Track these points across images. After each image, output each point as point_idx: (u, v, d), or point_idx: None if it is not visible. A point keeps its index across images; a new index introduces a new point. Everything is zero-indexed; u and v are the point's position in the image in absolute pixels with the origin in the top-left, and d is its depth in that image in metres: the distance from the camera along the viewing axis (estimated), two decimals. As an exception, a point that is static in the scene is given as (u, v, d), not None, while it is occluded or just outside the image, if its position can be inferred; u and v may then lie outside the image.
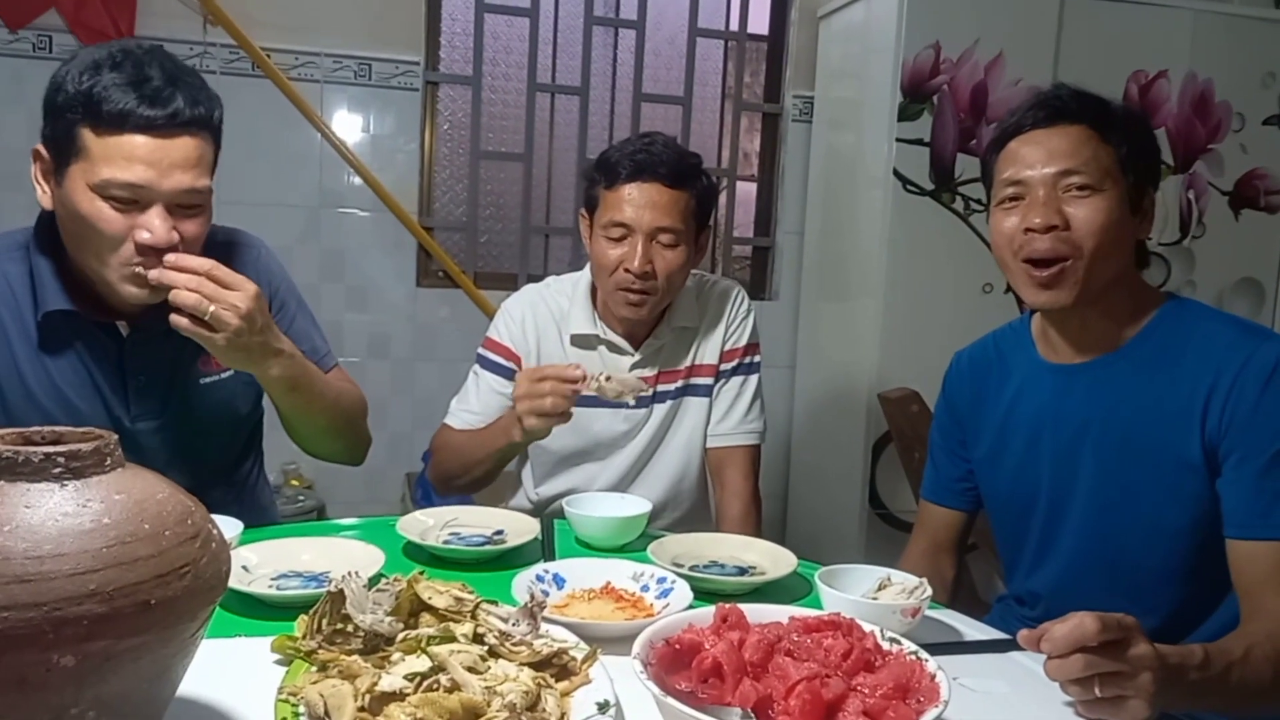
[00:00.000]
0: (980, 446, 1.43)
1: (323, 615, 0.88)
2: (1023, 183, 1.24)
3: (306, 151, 2.88)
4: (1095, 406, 1.27)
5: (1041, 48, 2.79)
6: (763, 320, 1.90)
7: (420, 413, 3.02)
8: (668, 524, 1.76)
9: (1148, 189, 1.26)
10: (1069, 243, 1.20)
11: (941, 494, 1.51)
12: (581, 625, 0.99)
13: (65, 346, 1.33)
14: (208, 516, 0.73)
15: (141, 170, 1.19)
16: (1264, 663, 1.06)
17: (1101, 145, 1.21)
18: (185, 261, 1.20)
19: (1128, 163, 1.22)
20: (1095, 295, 1.22)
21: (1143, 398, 1.23)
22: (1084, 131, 1.22)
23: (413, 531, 1.31)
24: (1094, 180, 1.20)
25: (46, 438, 0.71)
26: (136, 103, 1.18)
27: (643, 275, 1.59)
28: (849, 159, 3.03)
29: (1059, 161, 1.21)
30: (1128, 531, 1.25)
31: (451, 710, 0.73)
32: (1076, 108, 1.23)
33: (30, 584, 0.60)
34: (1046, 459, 1.32)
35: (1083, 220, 1.20)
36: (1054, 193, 1.21)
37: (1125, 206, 1.22)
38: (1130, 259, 1.26)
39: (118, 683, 0.64)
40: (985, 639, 1.14)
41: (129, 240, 1.22)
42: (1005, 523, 1.43)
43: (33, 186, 1.29)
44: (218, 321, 1.21)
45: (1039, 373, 1.34)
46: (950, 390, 1.50)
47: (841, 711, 0.75)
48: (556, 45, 3.15)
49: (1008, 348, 1.42)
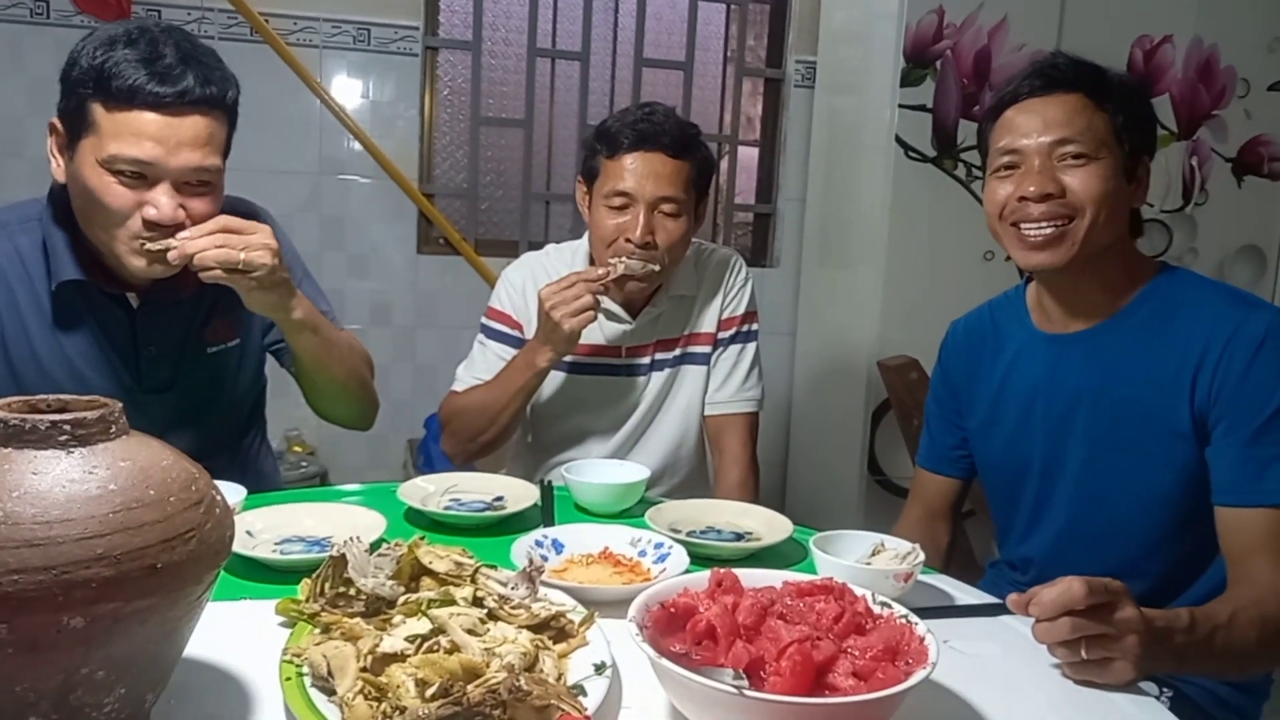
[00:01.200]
0: (975, 415, 1.45)
1: (325, 579, 0.90)
2: (1018, 151, 1.25)
3: (306, 118, 2.87)
4: (1088, 375, 1.28)
5: (1046, 13, 2.76)
6: (763, 287, 1.91)
7: (422, 380, 3.03)
8: (666, 491, 1.78)
9: (1142, 157, 1.26)
10: (1067, 206, 1.22)
11: (937, 462, 1.53)
12: (579, 589, 1.01)
13: (77, 317, 1.35)
14: (211, 483, 0.75)
15: (149, 147, 1.20)
16: (1248, 626, 1.07)
17: (1097, 113, 1.22)
18: (200, 229, 1.22)
19: (1123, 131, 1.23)
20: (1088, 260, 1.23)
21: (1134, 366, 1.25)
22: (1079, 100, 1.23)
23: (414, 498, 1.33)
24: (1089, 149, 1.21)
25: (52, 406, 0.72)
26: (146, 79, 1.19)
27: (644, 245, 1.60)
28: (851, 125, 3.02)
29: (1054, 130, 1.22)
30: (1118, 498, 1.28)
31: (451, 671, 0.75)
32: (1072, 76, 1.24)
33: (40, 548, 0.62)
34: (1040, 427, 1.34)
35: (1079, 188, 1.21)
36: (1049, 161, 1.23)
37: (1120, 175, 1.23)
38: (1124, 227, 1.27)
39: (126, 644, 0.66)
40: (976, 603, 1.15)
41: (136, 216, 1.23)
42: (999, 490, 1.45)
43: (48, 159, 1.30)
44: (252, 264, 1.22)
45: (1033, 341, 1.36)
46: (946, 360, 1.52)
47: (831, 673, 0.77)
48: (557, 9, 3.12)
49: (1003, 317, 1.43)
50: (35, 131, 2.69)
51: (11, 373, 1.34)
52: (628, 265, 1.57)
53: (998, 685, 0.94)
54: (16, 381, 1.34)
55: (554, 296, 1.52)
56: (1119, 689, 0.94)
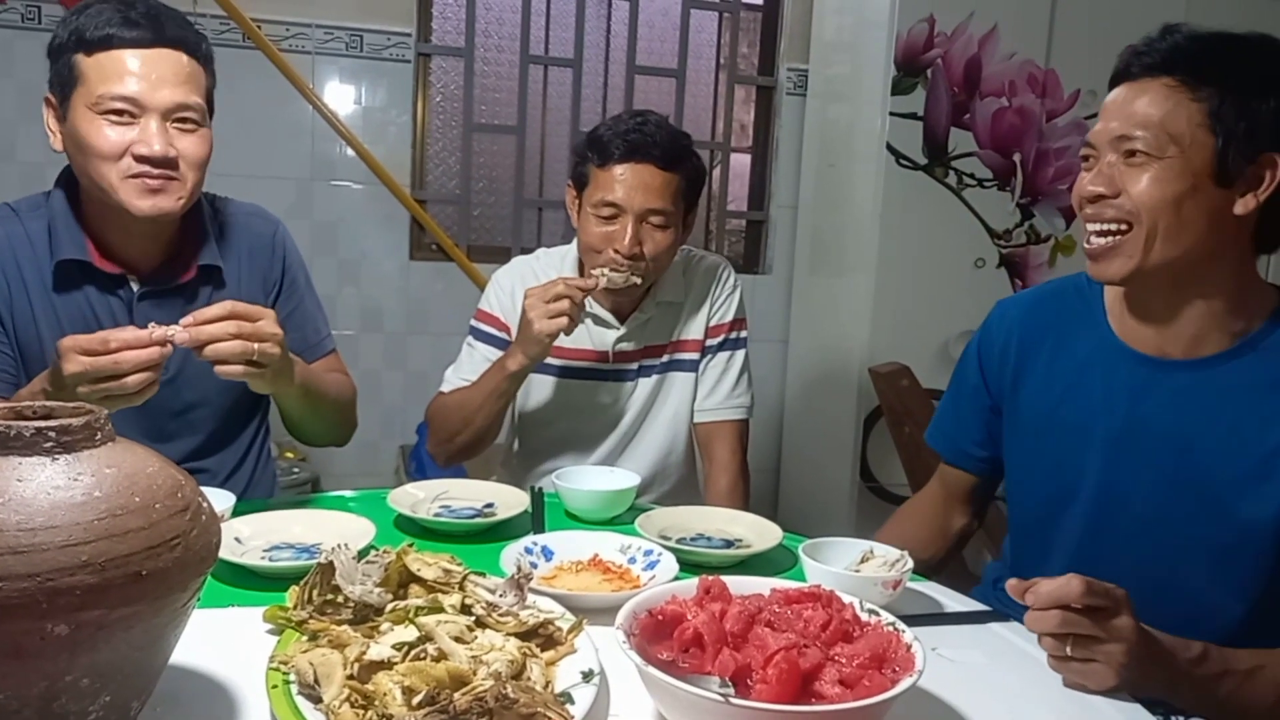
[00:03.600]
0: (1019, 420, 1.27)
1: (313, 586, 0.90)
2: (1091, 144, 1.12)
3: (298, 123, 2.87)
4: (1184, 416, 1.11)
5: (1036, 22, 2.78)
6: (755, 294, 1.91)
7: (413, 386, 3.03)
8: (655, 498, 1.78)
9: (1262, 152, 1.04)
10: (1120, 210, 1.07)
11: (955, 454, 1.39)
12: (567, 596, 1.01)
13: (77, 300, 1.38)
14: (198, 490, 0.75)
15: (132, 82, 1.26)
16: (1269, 686, 1.01)
17: (1186, 101, 1.04)
18: (205, 314, 1.20)
19: (1220, 119, 1.03)
20: (1171, 277, 1.09)
21: (1240, 415, 1.09)
22: (1167, 85, 1.05)
23: (404, 504, 1.32)
24: (1153, 147, 1.05)
25: (38, 412, 0.72)
26: (120, 24, 1.27)
27: (632, 257, 1.60)
28: (843, 133, 3.03)
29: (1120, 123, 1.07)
30: (1183, 554, 1.13)
31: (438, 678, 0.74)
32: (1163, 58, 1.07)
33: (24, 555, 0.61)
34: (1102, 454, 1.17)
35: (1136, 192, 1.06)
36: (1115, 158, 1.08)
37: (1206, 175, 1.04)
38: (1217, 240, 1.07)
39: (110, 651, 0.66)
40: (964, 611, 1.16)
41: (128, 154, 1.28)
42: (1028, 511, 1.29)
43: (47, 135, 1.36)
44: (264, 357, 1.22)
45: (1116, 356, 1.17)
46: (986, 346, 1.32)
47: (818, 680, 0.77)
48: (549, 17, 3.13)
49: (1070, 310, 1.24)
50: (26, 136, 2.70)
51: (16, 349, 1.37)
52: (610, 279, 1.57)
53: (985, 693, 0.94)
54: (21, 359, 1.37)
55: (534, 296, 1.53)
56: (1107, 698, 0.94)
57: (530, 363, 1.58)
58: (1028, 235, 2.89)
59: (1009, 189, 2.84)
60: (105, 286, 1.38)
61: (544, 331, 1.51)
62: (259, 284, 1.52)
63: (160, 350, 1.15)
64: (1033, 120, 2.82)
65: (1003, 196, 2.85)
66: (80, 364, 1.12)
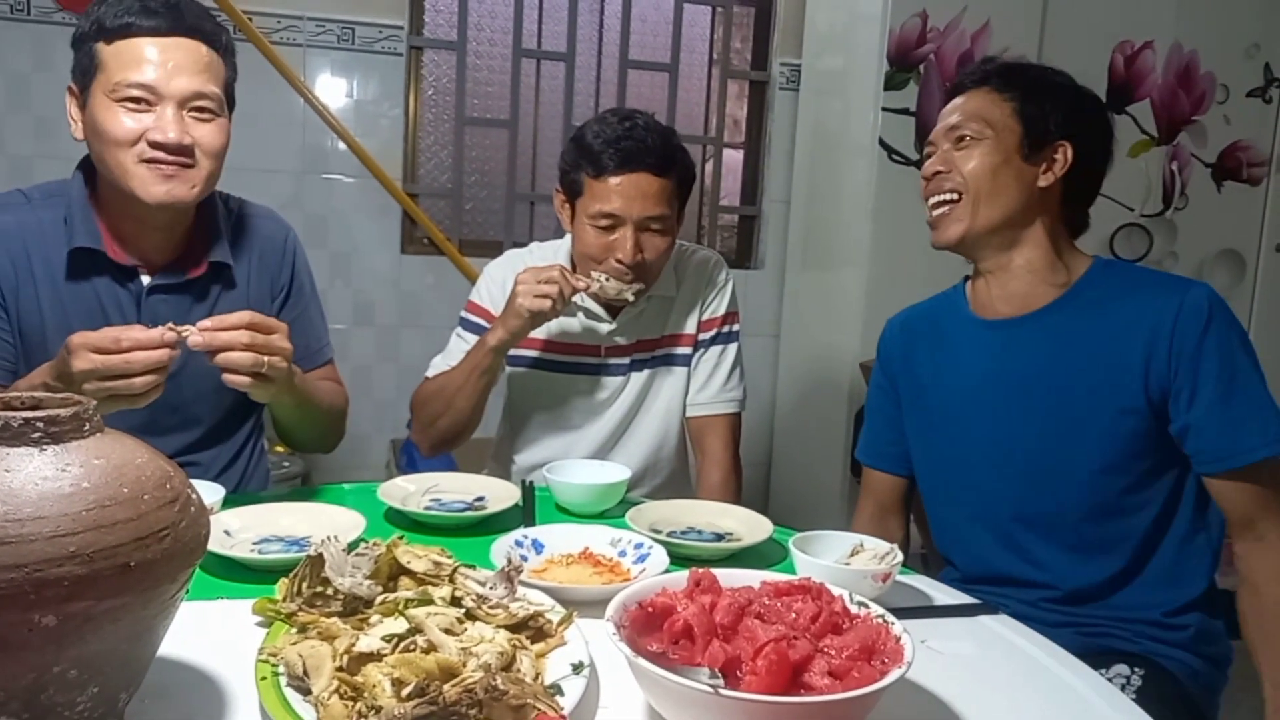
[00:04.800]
0: (915, 409, 1.47)
1: (303, 578, 0.90)
2: (930, 141, 1.41)
3: (289, 116, 2.86)
4: (1034, 358, 1.32)
5: (1028, 17, 2.78)
6: (748, 289, 1.91)
7: (405, 380, 3.02)
8: (647, 491, 1.78)
9: (1057, 141, 1.33)
10: (952, 182, 1.34)
11: (878, 458, 1.56)
12: (557, 589, 1.01)
13: (86, 289, 1.38)
14: (186, 481, 0.74)
15: (148, 70, 1.28)
16: None
17: (998, 102, 1.34)
18: (224, 320, 1.20)
19: (1022, 114, 1.32)
20: (997, 241, 1.34)
21: (1081, 347, 1.29)
22: (982, 93, 1.35)
23: (394, 498, 1.32)
24: (974, 132, 1.33)
25: (26, 403, 0.72)
26: (139, 13, 1.28)
27: (634, 265, 1.60)
28: (835, 128, 3.03)
29: (951, 119, 1.37)
30: (1066, 477, 1.31)
31: (428, 670, 0.74)
32: (979, 76, 1.38)
33: (11, 546, 0.61)
34: (986, 415, 1.37)
35: (964, 167, 1.33)
36: (948, 144, 1.36)
37: (1014, 153, 1.32)
38: (1027, 203, 1.33)
39: (99, 642, 0.66)
40: (954, 604, 1.16)
41: (142, 141, 1.29)
42: (937, 483, 1.47)
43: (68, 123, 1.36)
44: (273, 371, 1.22)
45: (973, 329, 1.40)
46: (883, 355, 1.56)
47: (807, 672, 0.77)
48: (542, 10, 3.12)
49: (942, 311, 1.48)
50: (14, 128, 2.68)
51: (18, 335, 1.37)
52: (603, 287, 1.57)
53: (974, 684, 0.94)
54: (22, 344, 1.37)
55: (529, 272, 1.54)
56: (1096, 692, 0.95)
57: (510, 337, 1.57)
58: (1019, 231, 2.89)
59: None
60: (116, 278, 1.38)
61: (526, 307, 1.51)
62: (268, 287, 1.52)
63: (170, 353, 1.15)
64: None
65: (994, 192, 2.85)
66: (91, 361, 1.12)
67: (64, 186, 1.41)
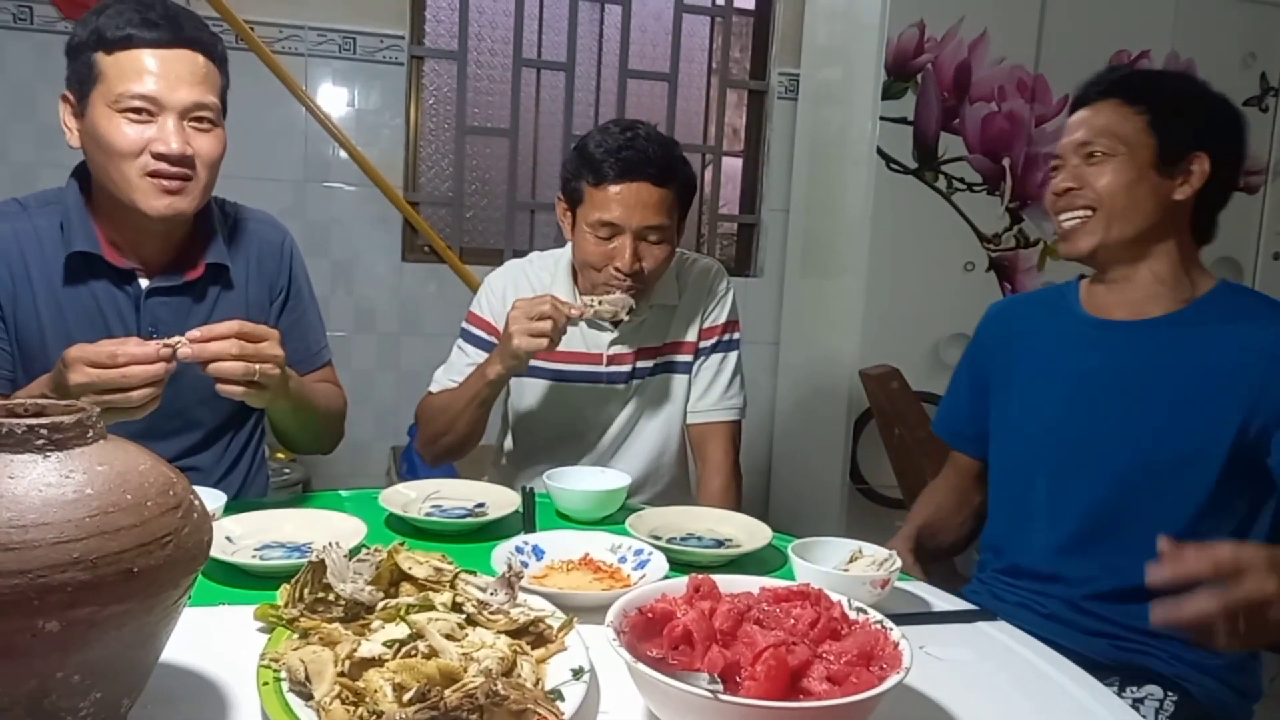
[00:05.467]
0: (1004, 397, 1.47)
1: (304, 584, 0.90)
2: (1059, 155, 1.38)
3: (291, 125, 2.87)
4: (1140, 361, 1.32)
5: (1025, 27, 2.80)
6: (747, 297, 1.92)
7: (406, 387, 3.03)
8: (647, 499, 1.78)
9: (1193, 151, 1.30)
10: (1085, 199, 1.33)
11: (954, 436, 1.58)
12: (558, 595, 1.01)
13: (84, 294, 1.38)
14: (189, 488, 0.75)
15: (150, 81, 1.29)
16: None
17: (1129, 116, 1.31)
18: (212, 330, 1.21)
19: (1155, 128, 1.30)
20: (1126, 251, 1.32)
21: (1188, 363, 1.29)
22: (1110, 105, 1.33)
23: (395, 504, 1.33)
24: (1107, 148, 1.31)
25: (29, 410, 0.72)
26: (140, 25, 1.29)
27: (633, 274, 1.60)
28: (833, 137, 3.04)
29: (1080, 134, 1.34)
30: (1144, 485, 1.30)
31: (429, 675, 0.75)
32: (1106, 86, 1.35)
33: (15, 552, 0.62)
34: (1079, 409, 1.36)
35: (1097, 183, 1.32)
36: (1079, 160, 1.34)
37: (1148, 168, 1.30)
38: (1163, 221, 1.31)
39: (102, 648, 0.66)
40: (952, 610, 1.16)
41: (145, 152, 1.30)
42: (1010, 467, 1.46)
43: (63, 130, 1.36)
44: (265, 378, 1.23)
45: (1082, 327, 1.39)
46: (979, 337, 1.56)
47: (806, 677, 0.77)
48: (542, 20, 3.14)
49: (1050, 304, 1.47)
50: (16, 137, 2.69)
51: (16, 344, 1.37)
52: (597, 311, 1.56)
53: (972, 691, 0.94)
54: (20, 353, 1.38)
55: (519, 310, 1.52)
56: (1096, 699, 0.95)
57: (508, 374, 1.58)
58: (1017, 239, 2.91)
59: (998, 193, 2.86)
60: (115, 281, 1.39)
61: (521, 348, 1.50)
62: (265, 290, 1.52)
63: (166, 367, 1.16)
64: (1022, 125, 2.84)
65: (992, 201, 2.86)
66: (87, 375, 1.12)
67: (59, 194, 1.41)
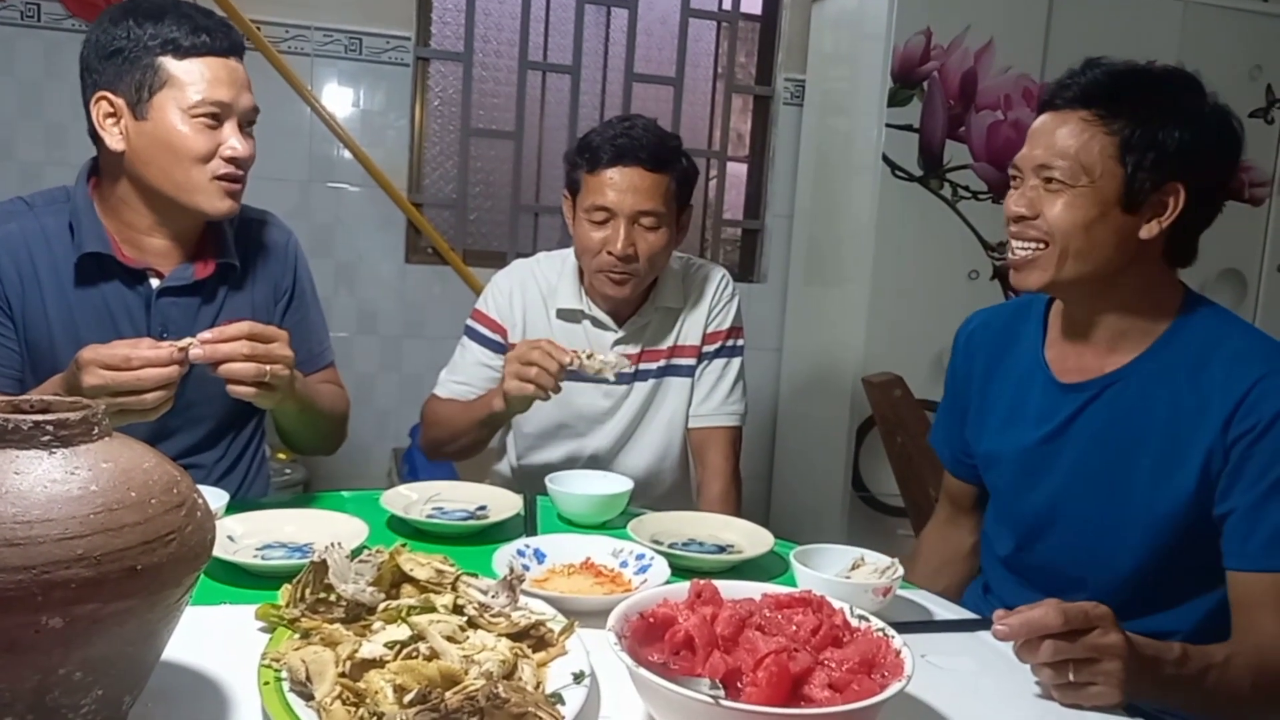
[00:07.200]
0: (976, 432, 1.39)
1: (306, 585, 0.90)
2: (1017, 167, 1.22)
3: (296, 125, 2.87)
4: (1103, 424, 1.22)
5: (1032, 36, 2.80)
6: (750, 303, 1.92)
7: (408, 389, 3.03)
8: (649, 502, 1.78)
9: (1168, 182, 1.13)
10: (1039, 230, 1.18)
11: (952, 463, 1.48)
12: (559, 599, 1.01)
13: (94, 294, 1.38)
14: (193, 486, 0.75)
15: (225, 89, 1.34)
16: (1244, 671, 1.05)
17: (1099, 134, 1.14)
18: (224, 332, 1.21)
19: (1130, 152, 1.12)
20: (1083, 289, 1.19)
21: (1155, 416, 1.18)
22: (1082, 119, 1.15)
23: (396, 506, 1.33)
24: (1067, 176, 1.14)
25: (35, 406, 0.72)
26: (208, 34, 1.33)
27: (625, 258, 1.62)
28: (839, 143, 3.04)
29: (1042, 153, 1.17)
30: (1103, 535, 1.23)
31: (429, 677, 0.75)
32: (1081, 92, 1.16)
33: (19, 548, 0.62)
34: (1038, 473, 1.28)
35: (1052, 216, 1.16)
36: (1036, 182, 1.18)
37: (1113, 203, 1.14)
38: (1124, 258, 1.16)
39: (104, 645, 0.66)
40: (954, 619, 1.16)
41: (217, 156, 1.34)
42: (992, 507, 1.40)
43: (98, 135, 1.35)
44: (275, 379, 1.24)
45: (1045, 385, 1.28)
46: (954, 361, 1.46)
47: (807, 684, 0.77)
48: (548, 23, 3.14)
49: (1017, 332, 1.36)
50: (25, 135, 2.69)
51: (24, 344, 1.38)
52: (584, 364, 1.48)
53: (973, 700, 0.94)
54: (29, 353, 1.38)
55: (514, 353, 1.51)
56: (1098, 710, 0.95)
57: (508, 413, 1.60)
58: (1021, 248, 2.90)
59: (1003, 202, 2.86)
60: (126, 281, 1.39)
61: (509, 391, 1.49)
62: (271, 290, 1.53)
63: (179, 369, 1.17)
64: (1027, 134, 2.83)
65: (997, 209, 2.86)
66: (101, 378, 1.13)
67: (66, 193, 1.41)
